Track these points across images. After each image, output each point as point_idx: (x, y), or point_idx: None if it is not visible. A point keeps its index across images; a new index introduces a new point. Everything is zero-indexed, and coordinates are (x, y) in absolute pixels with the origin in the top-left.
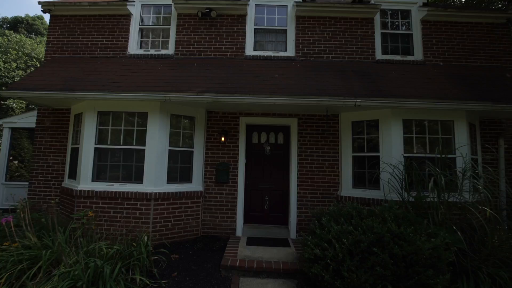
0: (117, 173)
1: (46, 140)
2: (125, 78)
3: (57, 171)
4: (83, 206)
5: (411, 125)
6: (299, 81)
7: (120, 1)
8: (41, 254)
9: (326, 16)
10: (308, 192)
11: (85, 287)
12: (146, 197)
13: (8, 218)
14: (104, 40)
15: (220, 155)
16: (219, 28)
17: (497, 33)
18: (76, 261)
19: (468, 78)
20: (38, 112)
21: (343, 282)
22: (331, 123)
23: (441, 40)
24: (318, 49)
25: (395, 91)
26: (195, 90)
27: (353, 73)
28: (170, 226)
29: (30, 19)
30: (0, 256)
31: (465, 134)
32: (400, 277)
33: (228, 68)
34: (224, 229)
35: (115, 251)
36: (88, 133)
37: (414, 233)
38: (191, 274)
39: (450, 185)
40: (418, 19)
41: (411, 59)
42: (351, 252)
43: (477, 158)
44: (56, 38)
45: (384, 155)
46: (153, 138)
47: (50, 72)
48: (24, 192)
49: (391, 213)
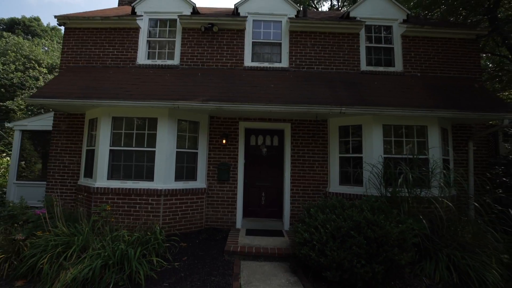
0: (130, 171)
1: (62, 142)
2: (136, 87)
3: (72, 171)
4: (100, 202)
5: (390, 130)
6: (292, 91)
7: (129, 16)
8: (73, 240)
9: (317, 31)
10: (300, 189)
11: (115, 265)
12: (156, 193)
13: (42, 211)
14: (115, 51)
15: (222, 156)
16: (220, 41)
17: (468, 47)
18: (103, 246)
19: (441, 88)
20: (54, 117)
21: (326, 259)
22: (320, 127)
23: (419, 53)
24: (309, 61)
25: (376, 100)
26: (200, 98)
27: (340, 83)
28: (177, 219)
29: (27, 21)
30: (40, 241)
31: (437, 138)
32: (372, 255)
33: (229, 78)
34: (225, 222)
35: (136, 238)
36: (104, 136)
37: (385, 220)
38: (198, 258)
39: (418, 181)
40: (398, 34)
41: (392, 70)
42: (333, 235)
43: (448, 159)
44: (70, 48)
45: (366, 156)
46: (163, 141)
47: (67, 81)
48: (33, 191)
49: (368, 204)
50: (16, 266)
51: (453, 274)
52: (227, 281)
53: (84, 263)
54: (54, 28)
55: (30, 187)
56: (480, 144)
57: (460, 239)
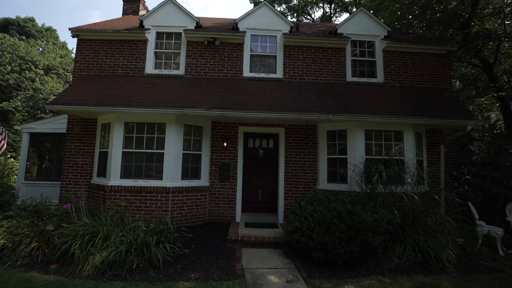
0: (140, 171)
1: (75, 145)
2: (146, 95)
3: (85, 171)
4: (114, 198)
5: (371, 134)
6: (286, 99)
7: (138, 29)
8: (97, 230)
9: (308, 46)
10: (293, 186)
11: (136, 250)
12: (165, 191)
13: (68, 205)
14: (125, 61)
15: (223, 157)
16: (222, 53)
17: (440, 61)
18: (123, 235)
19: (416, 97)
20: (68, 121)
21: (314, 242)
22: (311, 131)
23: (398, 66)
24: (301, 72)
25: (359, 108)
26: (204, 106)
27: (328, 92)
28: (184, 213)
29: (22, 21)
30: (69, 231)
31: (411, 141)
32: (351, 239)
33: (229, 87)
34: (226, 217)
35: (152, 228)
36: (117, 139)
37: (362, 210)
38: (204, 246)
39: (392, 179)
40: (380, 49)
41: (374, 81)
42: (319, 223)
43: (422, 160)
44: (83, 58)
45: (350, 157)
46: (170, 144)
47: (82, 89)
48: (41, 190)
49: (349, 198)
50: (48, 253)
51: (418, 255)
52: (231, 263)
53: (109, 249)
54: (49, 29)
55: (37, 187)
56: (450, 147)
57: (425, 227)
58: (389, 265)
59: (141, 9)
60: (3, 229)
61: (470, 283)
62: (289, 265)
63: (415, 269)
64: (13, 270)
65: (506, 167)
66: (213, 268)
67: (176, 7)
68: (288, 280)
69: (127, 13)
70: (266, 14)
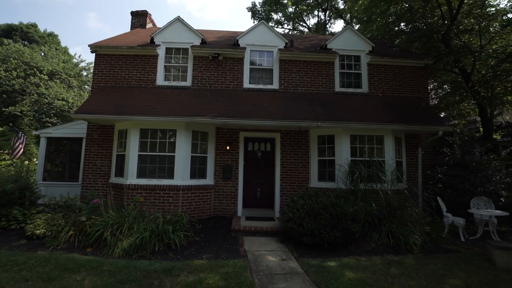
0: (154, 171)
1: (94, 149)
2: (158, 104)
3: (103, 172)
4: (131, 195)
5: (356, 138)
6: (281, 108)
7: (150, 45)
8: (123, 221)
9: (301, 60)
10: (288, 184)
11: (157, 236)
12: (176, 189)
13: (97, 200)
14: (138, 74)
15: (226, 159)
16: (224, 67)
17: (418, 73)
18: (145, 224)
19: (397, 106)
20: (88, 127)
21: (304, 229)
22: (303, 136)
23: (381, 77)
24: (295, 84)
25: (345, 116)
26: (210, 115)
27: (318, 102)
28: (192, 208)
29: (24, 27)
30: (99, 221)
31: (391, 145)
32: (334, 226)
33: (231, 98)
34: (229, 211)
35: (168, 219)
36: (133, 143)
37: (344, 203)
38: (212, 235)
39: (372, 177)
40: (365, 62)
41: (360, 91)
42: (309, 213)
43: (402, 161)
44: (101, 71)
45: (337, 158)
46: (180, 147)
47: (101, 99)
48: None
49: (335, 193)
50: (82, 239)
51: (391, 240)
52: (235, 248)
53: (134, 235)
54: (51, 34)
55: (52, 187)
56: (427, 149)
57: (399, 218)
58: (367, 248)
59: (148, 22)
60: (42, 220)
61: (429, 260)
62: (283, 249)
63: (388, 251)
64: (57, 252)
65: (472, 167)
66: (220, 251)
67: (183, 25)
68: (282, 259)
69: (135, 26)
70: (264, 31)
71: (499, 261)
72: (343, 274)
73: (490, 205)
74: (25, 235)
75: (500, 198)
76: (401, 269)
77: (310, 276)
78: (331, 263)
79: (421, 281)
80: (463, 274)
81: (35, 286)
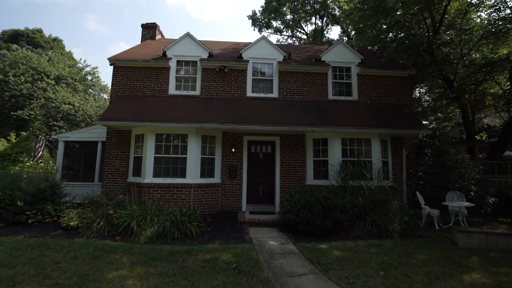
0: (168, 171)
1: (113, 151)
2: (172, 112)
3: (121, 172)
4: (148, 193)
5: (346, 141)
6: (280, 115)
7: (162, 59)
8: (146, 213)
9: (298, 71)
10: (287, 183)
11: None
12: (188, 186)
13: (122, 196)
14: (152, 84)
15: (231, 160)
16: (229, 78)
17: (403, 82)
18: (165, 216)
19: (383, 112)
20: (107, 132)
21: (300, 218)
22: (300, 139)
23: (369, 86)
24: (292, 93)
25: (336, 122)
26: (218, 121)
27: (313, 109)
28: (202, 204)
29: (30, 32)
30: (125, 214)
31: (377, 147)
32: (325, 216)
33: (236, 105)
34: (234, 207)
35: (184, 212)
36: (150, 147)
37: (334, 197)
38: (221, 226)
39: (359, 175)
40: (355, 73)
41: (350, 99)
42: (304, 206)
43: (388, 160)
44: (118, 82)
45: (330, 159)
46: (192, 150)
47: (119, 108)
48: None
49: (326, 189)
50: (110, 229)
51: (374, 228)
52: (242, 236)
53: (155, 225)
54: (56, 39)
55: (70, 187)
56: (410, 150)
57: (382, 209)
58: (353, 234)
59: (157, 34)
60: (74, 214)
61: (405, 243)
62: (282, 236)
63: (371, 237)
64: (91, 239)
65: (447, 166)
66: (229, 238)
67: (192, 40)
68: (282, 243)
69: (146, 38)
70: (264, 46)
71: (460, 242)
72: (331, 253)
73: (462, 198)
74: (61, 226)
75: (470, 192)
76: (380, 249)
77: (304, 254)
78: (322, 246)
79: (393, 257)
80: (429, 252)
81: (85, 262)
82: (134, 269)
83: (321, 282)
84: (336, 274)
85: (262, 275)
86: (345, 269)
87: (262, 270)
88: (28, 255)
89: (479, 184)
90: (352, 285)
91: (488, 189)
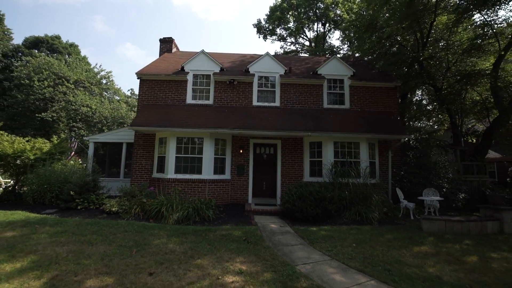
0: (187, 169)
1: (140, 152)
2: (190, 119)
3: (147, 169)
4: (170, 187)
5: (338, 144)
6: (282, 122)
7: (181, 73)
8: (171, 202)
9: (297, 83)
10: (287, 179)
11: (196, 211)
12: (204, 181)
13: (152, 188)
14: (172, 95)
15: (239, 160)
16: (238, 89)
17: (390, 92)
18: (187, 204)
19: (372, 119)
20: (135, 135)
21: (296, 207)
22: (298, 142)
23: (360, 96)
24: (292, 102)
25: (330, 127)
26: (229, 127)
27: (310, 116)
28: (215, 196)
29: (49, 39)
30: (155, 202)
31: (365, 149)
32: (316, 205)
33: (244, 113)
34: (241, 200)
35: (202, 201)
36: (171, 148)
37: (324, 191)
38: (231, 214)
39: (347, 173)
40: (347, 84)
41: (343, 107)
42: (300, 197)
43: (375, 161)
44: (144, 93)
45: (324, 159)
46: (206, 151)
47: (146, 115)
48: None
49: (319, 185)
50: (143, 214)
51: (357, 217)
52: (249, 221)
53: (180, 211)
54: (72, 44)
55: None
56: (396, 152)
57: (365, 202)
58: (340, 221)
59: (173, 47)
60: (114, 201)
61: (380, 228)
62: (282, 221)
63: (354, 223)
64: (131, 221)
65: (425, 166)
66: (239, 222)
67: (206, 57)
68: (281, 226)
69: (163, 51)
70: (268, 61)
71: (425, 227)
72: (319, 233)
73: (436, 194)
74: (105, 211)
75: (443, 189)
76: (358, 231)
77: (298, 233)
78: (313, 228)
79: (367, 236)
80: (397, 234)
81: (133, 234)
82: (170, 238)
83: (308, 249)
84: (319, 245)
85: (265, 244)
86: (327, 242)
87: (264, 241)
88: (90, 229)
89: (451, 183)
90: (330, 251)
91: (461, 186)
